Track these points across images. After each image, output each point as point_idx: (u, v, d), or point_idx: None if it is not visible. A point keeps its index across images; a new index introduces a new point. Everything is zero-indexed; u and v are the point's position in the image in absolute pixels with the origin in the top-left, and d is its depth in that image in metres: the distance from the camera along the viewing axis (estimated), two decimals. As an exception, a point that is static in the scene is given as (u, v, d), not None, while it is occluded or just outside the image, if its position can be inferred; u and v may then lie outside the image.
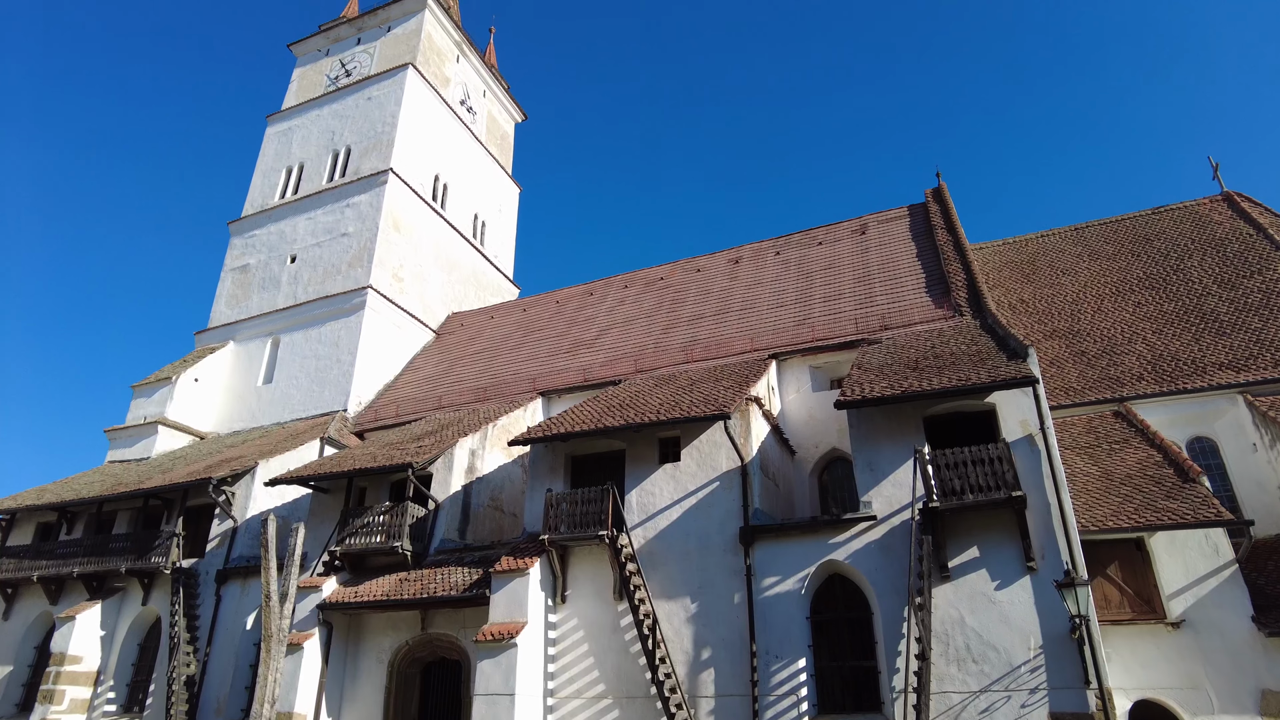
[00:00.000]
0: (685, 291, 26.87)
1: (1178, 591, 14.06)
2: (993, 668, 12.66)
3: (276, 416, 28.18)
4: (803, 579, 14.35)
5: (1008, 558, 13.24)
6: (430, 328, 31.74)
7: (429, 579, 16.99)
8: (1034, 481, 13.54)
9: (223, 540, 21.50)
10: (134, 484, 23.06)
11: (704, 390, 17.95)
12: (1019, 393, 14.31)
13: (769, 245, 27.63)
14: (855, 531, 14.31)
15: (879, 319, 20.90)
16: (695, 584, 15.14)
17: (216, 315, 32.15)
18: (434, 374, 28.38)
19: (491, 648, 14.68)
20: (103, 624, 21.62)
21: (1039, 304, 22.65)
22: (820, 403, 19.70)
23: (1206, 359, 18.24)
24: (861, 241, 25.43)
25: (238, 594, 20.42)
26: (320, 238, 31.50)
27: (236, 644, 19.77)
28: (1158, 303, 20.86)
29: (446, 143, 35.99)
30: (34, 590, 23.57)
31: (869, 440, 15.02)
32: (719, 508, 15.54)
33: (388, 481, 19.92)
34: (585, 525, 15.51)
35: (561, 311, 29.45)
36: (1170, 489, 14.59)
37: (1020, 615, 12.83)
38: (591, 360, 24.76)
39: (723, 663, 14.36)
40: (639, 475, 16.57)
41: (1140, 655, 13.77)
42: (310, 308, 29.73)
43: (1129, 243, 23.82)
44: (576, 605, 15.83)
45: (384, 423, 25.73)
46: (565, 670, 15.42)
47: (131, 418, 29.19)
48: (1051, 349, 20.41)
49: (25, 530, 25.33)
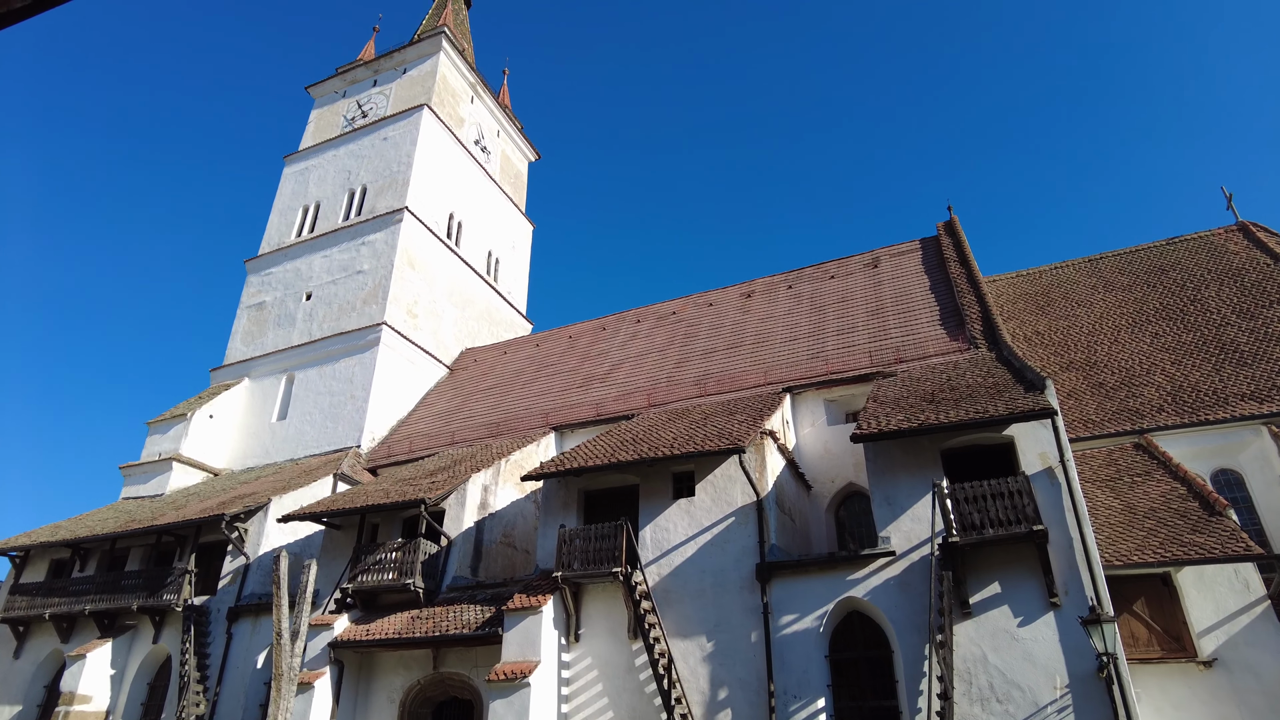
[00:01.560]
0: (698, 326, 26.87)
1: (1209, 629, 13.68)
2: (1018, 708, 12.30)
3: (290, 453, 28.22)
4: (821, 617, 14.07)
5: (1030, 594, 12.93)
6: (444, 363, 31.85)
7: (441, 617, 16.78)
8: (1055, 515, 13.28)
9: (235, 577, 21.39)
10: (147, 521, 23.05)
11: (718, 424, 17.83)
12: (1038, 425, 14.11)
13: (781, 279, 27.66)
14: (874, 568, 14.05)
15: (893, 352, 20.78)
16: (711, 622, 14.87)
17: (232, 352, 32.42)
18: (447, 409, 28.39)
19: (504, 687, 14.42)
20: (113, 663, 21.45)
21: (1054, 336, 22.47)
22: (836, 436, 19.52)
23: (1228, 389, 17.97)
24: (874, 275, 25.41)
25: (249, 632, 20.25)
26: (335, 275, 31.83)
27: (246, 683, 19.54)
28: (1176, 333, 20.65)
29: (461, 181, 36.49)
30: (45, 628, 23.48)
31: (886, 474, 14.82)
32: (734, 544, 15.32)
33: (400, 518, 19.81)
34: (599, 562, 15.31)
35: (574, 347, 29.49)
36: (1196, 522, 14.27)
37: (1045, 653, 12.49)
38: (604, 395, 24.70)
39: (740, 703, 14.03)
40: (653, 510, 16.40)
41: (1171, 695, 13.36)
42: (325, 344, 29.93)
43: (1144, 274, 23.67)
44: (590, 644, 15.57)
45: (397, 459, 25.69)
46: (579, 711, 15.10)
47: (146, 454, 29.30)
48: (1069, 381, 20.19)
49: (39, 567, 25.32)
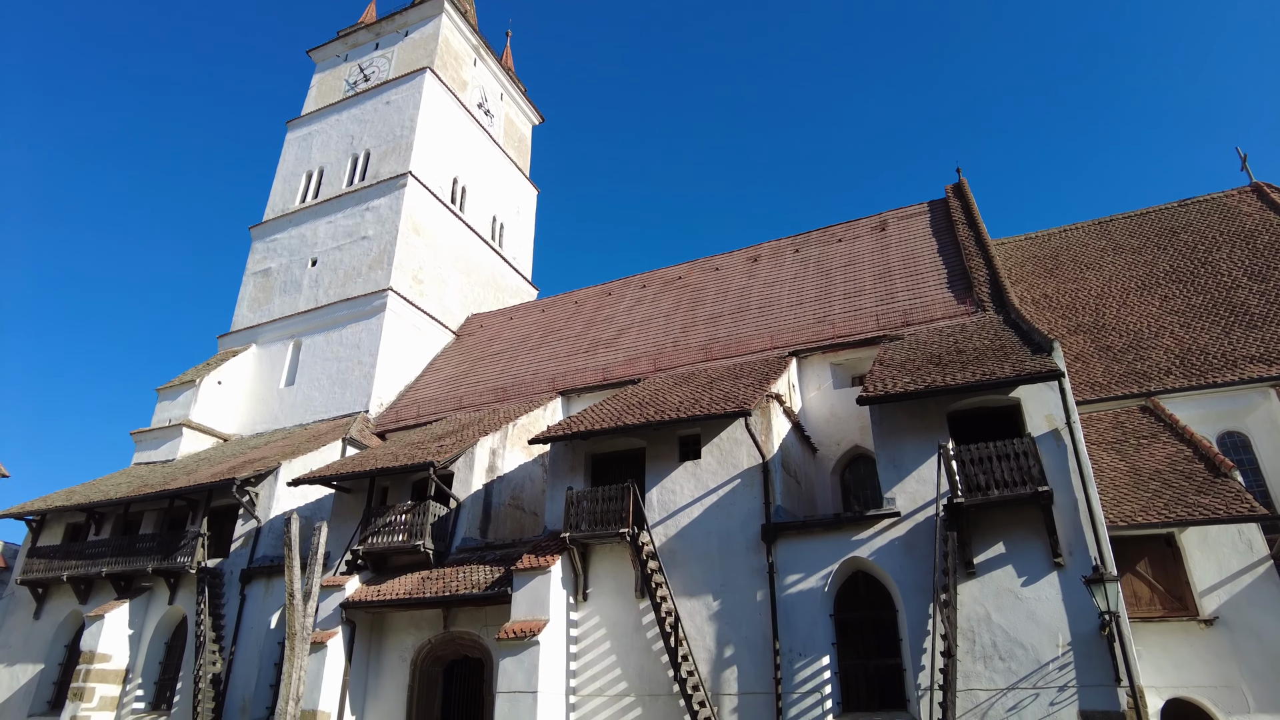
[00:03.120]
0: (704, 290, 26.79)
1: (1211, 588, 13.81)
2: (1020, 665, 12.47)
3: (298, 418, 28.43)
4: (826, 577, 14.23)
5: (1034, 554, 13.04)
6: (450, 329, 31.90)
7: (451, 577, 17.03)
8: (1060, 477, 13.34)
9: (246, 540, 21.69)
10: (159, 485, 23.33)
11: (724, 388, 17.87)
12: (1044, 387, 14.10)
13: (787, 243, 27.49)
14: (879, 529, 14.16)
15: (900, 315, 20.71)
16: (717, 582, 15.06)
17: (239, 319, 32.50)
18: (454, 375, 28.50)
19: (513, 646, 14.68)
20: (130, 623, 21.88)
21: (1063, 299, 22.34)
22: (842, 400, 19.56)
23: (1237, 352, 17.89)
24: (881, 238, 25.23)
25: (261, 593, 20.59)
26: (340, 241, 31.76)
27: (261, 643, 19.93)
28: (1185, 296, 20.50)
29: (464, 146, 36.19)
30: (64, 590, 23.92)
31: (892, 437, 14.86)
32: (740, 505, 15.45)
33: (409, 481, 20.01)
34: (606, 523, 15.47)
35: (580, 312, 29.47)
36: (1201, 484, 14.32)
37: (1048, 612, 12.63)
38: (610, 360, 24.74)
39: (746, 661, 14.27)
40: (659, 473, 16.52)
41: (1172, 653, 13.52)
42: (331, 310, 29.98)
43: (1155, 236, 23.44)
44: (598, 603, 15.80)
45: (405, 423, 25.87)
46: (587, 668, 15.39)
47: (156, 420, 29.56)
48: (1076, 344, 20.12)
49: (55, 531, 25.72)
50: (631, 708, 14.72)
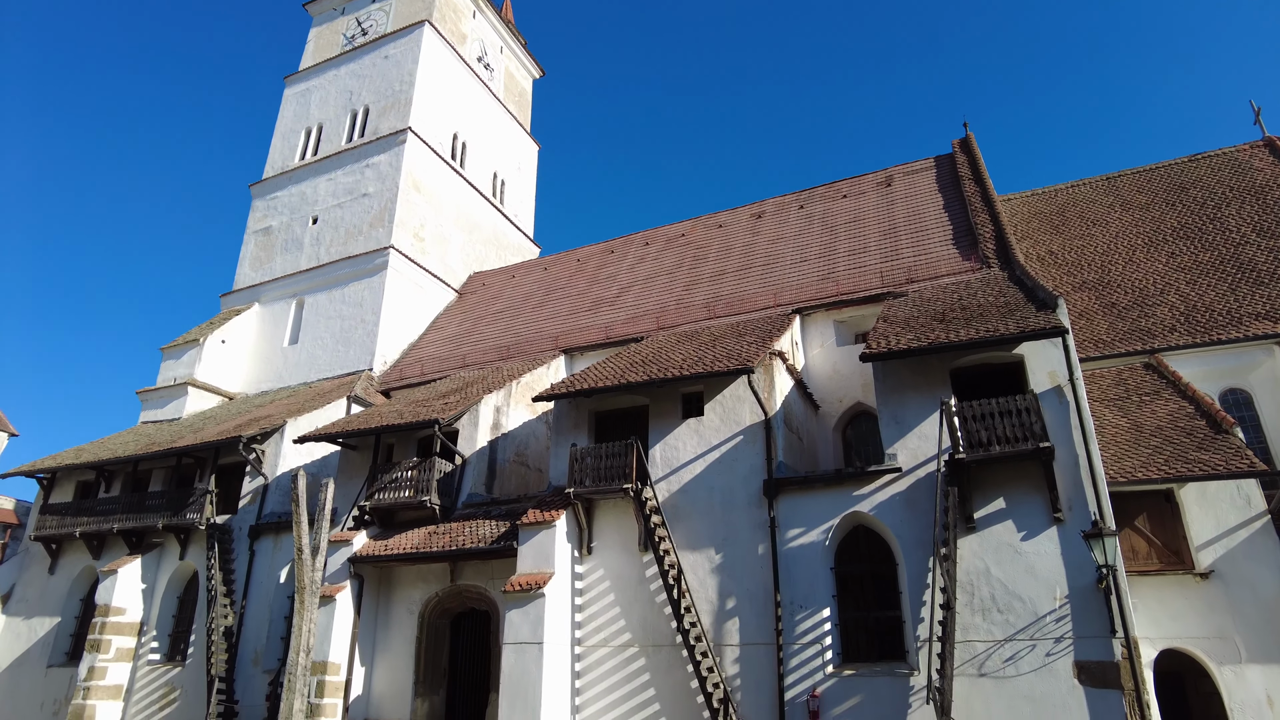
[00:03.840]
0: (707, 248, 26.63)
1: (1207, 543, 13.97)
2: (1018, 617, 12.69)
3: (303, 376, 28.55)
4: (826, 531, 14.41)
5: (1034, 509, 13.18)
6: (452, 288, 31.82)
7: (457, 532, 17.27)
8: (1062, 433, 13.40)
9: (254, 497, 21.96)
10: (167, 443, 23.54)
11: (727, 345, 17.88)
12: (1048, 344, 14.09)
13: (792, 199, 27.24)
14: (880, 484, 14.30)
15: (905, 272, 20.61)
16: (719, 536, 15.26)
17: (241, 277, 32.43)
18: (457, 333, 28.53)
19: (519, 598, 14.95)
20: (143, 578, 22.28)
21: (1068, 256, 22.19)
22: (844, 357, 19.58)
23: (1243, 309, 17.82)
24: (887, 194, 24.98)
25: (270, 549, 20.92)
26: (341, 199, 31.53)
27: (271, 597, 20.31)
28: (1193, 253, 20.35)
29: (464, 101, 35.67)
30: (77, 545, 24.32)
31: (894, 393, 14.91)
32: (742, 461, 15.57)
33: (414, 438, 20.18)
34: (610, 479, 15.63)
35: (582, 270, 29.36)
36: (1202, 440, 14.39)
37: (1046, 566, 12.80)
38: (613, 318, 24.72)
39: (747, 613, 14.53)
40: (662, 430, 16.63)
41: (1168, 606, 13.74)
42: (333, 269, 29.89)
43: (1163, 192, 23.18)
44: (602, 557, 16.04)
45: (409, 381, 25.98)
46: (592, 620, 15.69)
47: (162, 379, 29.70)
48: (1081, 301, 20.05)
49: (66, 489, 26.04)
50: (635, 658, 15.04)
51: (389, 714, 17.33)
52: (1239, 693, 13.00)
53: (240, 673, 19.78)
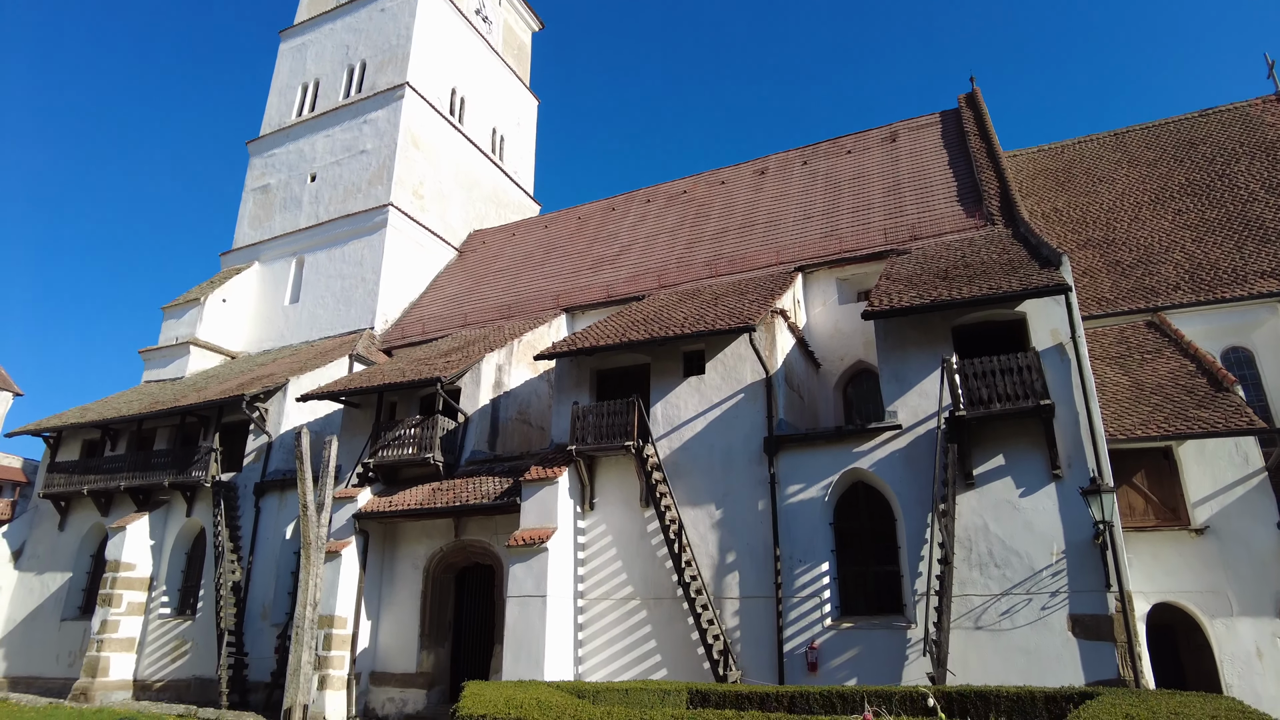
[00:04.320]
0: (709, 205, 26.40)
1: (1203, 499, 14.08)
2: (1015, 572, 12.87)
3: (305, 335, 28.56)
4: (826, 487, 14.54)
5: (1033, 466, 13.27)
6: (453, 246, 31.64)
7: (461, 488, 17.45)
8: (1063, 391, 13.44)
9: (259, 455, 22.14)
10: (170, 402, 23.65)
11: (728, 304, 17.84)
12: (1050, 302, 14.05)
13: (796, 155, 26.92)
14: (880, 441, 14.39)
15: (908, 229, 20.46)
16: (720, 492, 15.41)
17: (240, 236, 32.25)
18: (458, 292, 28.46)
19: (523, 552, 15.16)
20: (151, 534, 22.58)
21: (1073, 213, 22.00)
22: (846, 315, 19.55)
23: (1248, 267, 17.72)
24: (892, 150, 24.67)
25: (276, 505, 21.16)
26: (339, 156, 31.18)
27: (277, 553, 20.60)
28: (1199, 210, 20.16)
29: (462, 55, 35.03)
30: (85, 503, 24.61)
31: (896, 351, 14.92)
32: (743, 419, 15.65)
33: (417, 396, 20.27)
34: (611, 436, 15.73)
35: (583, 228, 29.15)
36: (1202, 398, 14.43)
37: (1044, 522, 12.94)
38: (614, 277, 24.62)
39: (747, 567, 14.74)
40: (664, 388, 16.68)
41: (1162, 561, 13.91)
42: (332, 227, 29.70)
43: (1172, 148, 22.87)
44: (604, 512, 16.23)
45: (410, 340, 26.01)
46: (594, 574, 15.94)
47: (164, 339, 29.73)
48: (1085, 259, 19.93)
49: (72, 448, 26.25)
50: (637, 610, 15.32)
51: (396, 666, 17.71)
52: (1229, 645, 13.24)
53: (249, 626, 20.16)
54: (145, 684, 21.25)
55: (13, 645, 24.11)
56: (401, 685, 17.45)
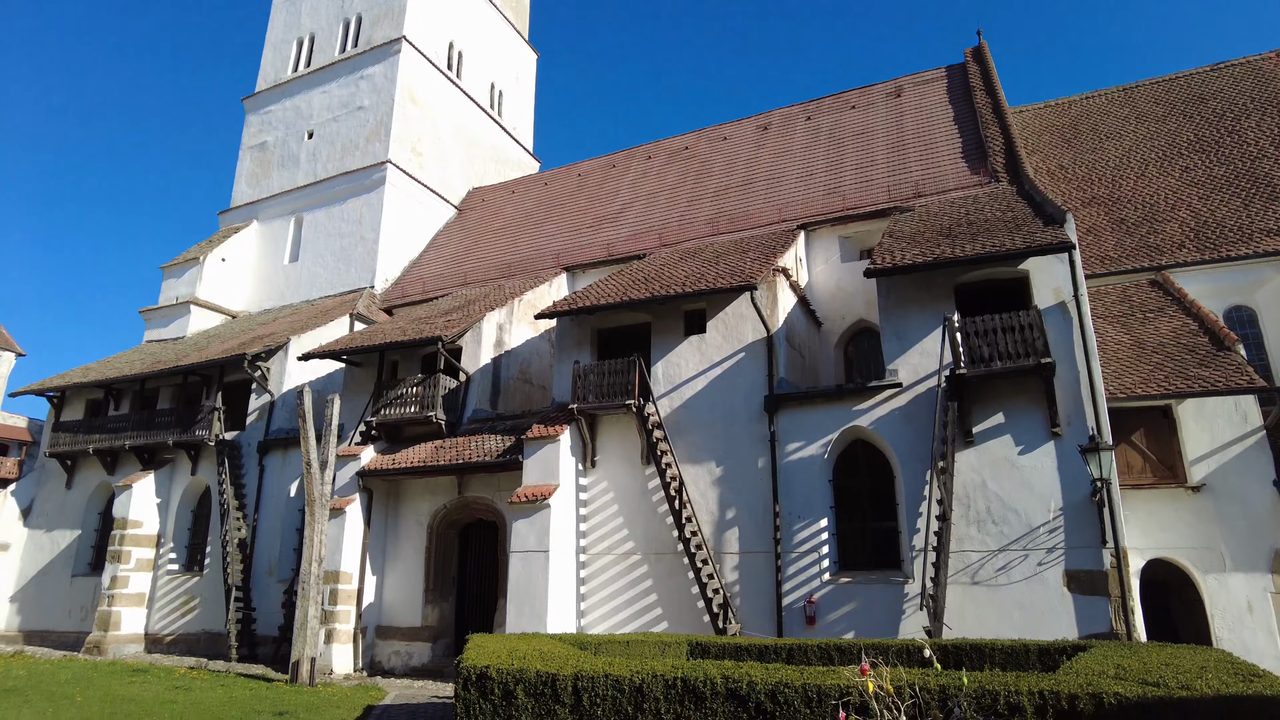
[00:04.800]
0: (711, 162, 26.11)
1: (1201, 457, 14.18)
2: (1012, 529, 13.02)
3: (305, 294, 28.51)
4: (826, 444, 14.64)
5: (1033, 424, 13.34)
6: (452, 204, 31.39)
7: (463, 446, 17.58)
8: (1064, 349, 13.44)
9: (261, 414, 22.26)
10: (172, 362, 23.71)
11: (730, 262, 17.76)
12: (1054, 260, 13.98)
13: (799, 110, 26.53)
14: (880, 399, 14.44)
15: (912, 186, 20.25)
16: (720, 450, 15.52)
17: (238, 194, 31.99)
18: (458, 251, 28.31)
19: (525, 509, 15.33)
20: (157, 492, 22.81)
21: (1079, 170, 21.75)
22: (849, 273, 19.46)
23: (1254, 225, 17.57)
24: (896, 105, 24.30)
25: (279, 464, 21.33)
26: (336, 112, 30.76)
27: (282, 510, 20.83)
28: (1207, 167, 19.93)
29: (459, 6, 34.28)
30: (91, 462, 24.82)
31: (898, 309, 14.89)
32: (744, 378, 15.69)
33: (419, 355, 20.30)
34: (613, 395, 15.79)
35: (583, 185, 28.88)
36: (1203, 357, 14.43)
37: (1042, 480, 13.04)
38: (615, 235, 24.47)
39: (747, 523, 14.92)
40: (665, 347, 16.70)
41: (1158, 517, 14.06)
42: (330, 185, 29.44)
43: (1181, 103, 22.52)
44: (606, 470, 16.37)
45: (411, 299, 25.95)
46: (596, 529, 16.14)
47: (164, 298, 29.70)
48: (1089, 217, 19.77)
49: (76, 407, 26.39)
50: (638, 565, 15.55)
51: (401, 620, 18.04)
52: (1221, 599, 13.45)
53: (256, 582, 20.49)
54: (156, 637, 21.68)
55: (26, 600, 24.54)
56: (407, 639, 17.79)
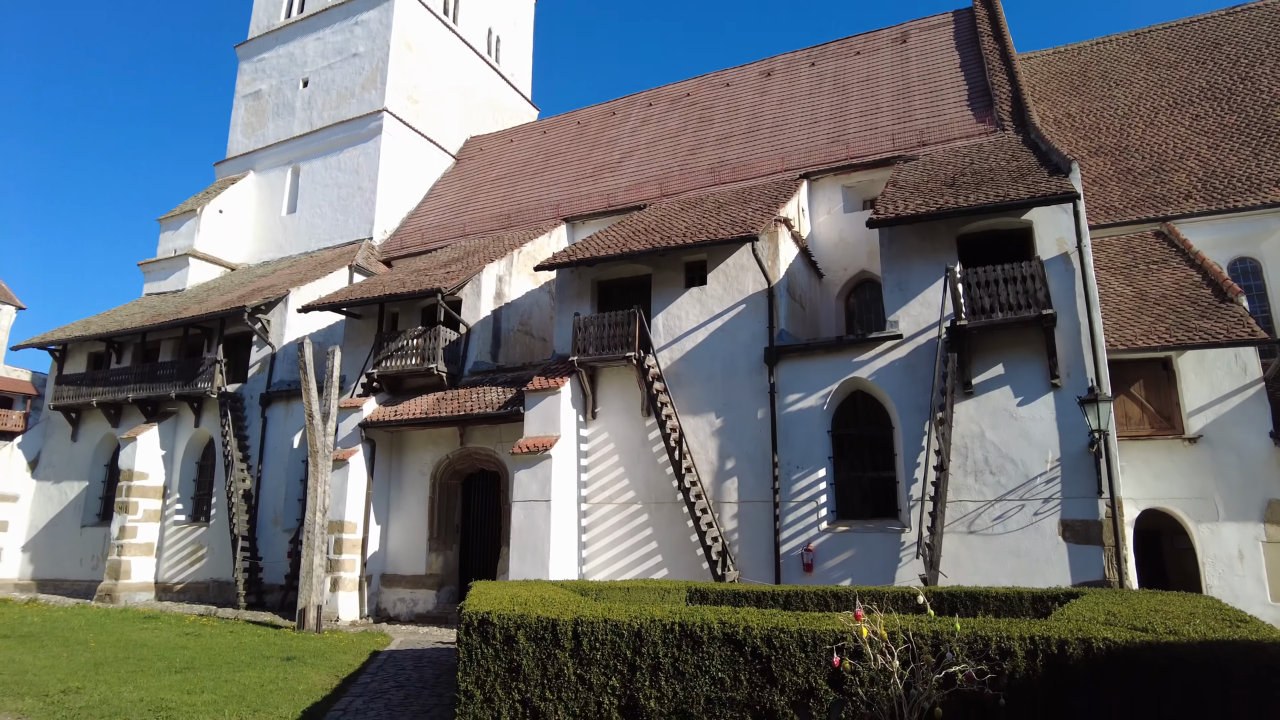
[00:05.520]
0: (713, 109, 25.66)
1: (1199, 409, 14.23)
2: (1009, 479, 13.13)
3: (304, 246, 28.32)
4: (825, 396, 14.69)
5: (1033, 375, 13.36)
6: (449, 153, 30.96)
7: (465, 398, 17.66)
8: (1066, 300, 13.39)
9: (263, 366, 22.31)
10: (172, 315, 23.68)
11: (731, 213, 17.58)
12: (1058, 210, 13.82)
13: (803, 56, 25.97)
14: (880, 350, 14.44)
15: (917, 135, 19.93)
16: (720, 402, 15.58)
17: (234, 145, 31.55)
18: (456, 201, 28.03)
19: (527, 459, 15.47)
20: (162, 444, 22.99)
21: (1086, 119, 21.37)
22: (851, 224, 19.28)
23: (1263, 175, 17.32)
24: (902, 51, 23.77)
25: (282, 416, 21.46)
26: (331, 59, 30.13)
27: (286, 461, 21.03)
28: (1218, 115, 19.57)
29: (455, -52, 33.33)
30: (95, 414, 24.97)
31: (900, 259, 14.79)
32: (744, 330, 15.67)
33: (419, 307, 20.26)
34: (613, 347, 15.80)
35: (583, 133, 28.44)
36: (1205, 309, 14.37)
37: (1041, 431, 13.12)
38: (615, 185, 24.18)
39: (746, 473, 15.06)
40: (665, 299, 16.64)
41: (1154, 468, 14.17)
42: (327, 134, 29.00)
43: (1194, 49, 22.00)
44: (606, 421, 16.47)
45: (410, 250, 25.80)
46: (597, 479, 16.31)
47: (162, 251, 29.52)
48: (1096, 166, 19.49)
49: (78, 360, 26.45)
50: (638, 514, 15.75)
51: (406, 568, 18.35)
52: (1213, 548, 13.64)
53: (262, 532, 20.79)
54: (166, 585, 22.10)
55: (38, 549, 24.95)
56: (411, 586, 18.13)
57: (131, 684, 9.76)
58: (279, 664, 11.45)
